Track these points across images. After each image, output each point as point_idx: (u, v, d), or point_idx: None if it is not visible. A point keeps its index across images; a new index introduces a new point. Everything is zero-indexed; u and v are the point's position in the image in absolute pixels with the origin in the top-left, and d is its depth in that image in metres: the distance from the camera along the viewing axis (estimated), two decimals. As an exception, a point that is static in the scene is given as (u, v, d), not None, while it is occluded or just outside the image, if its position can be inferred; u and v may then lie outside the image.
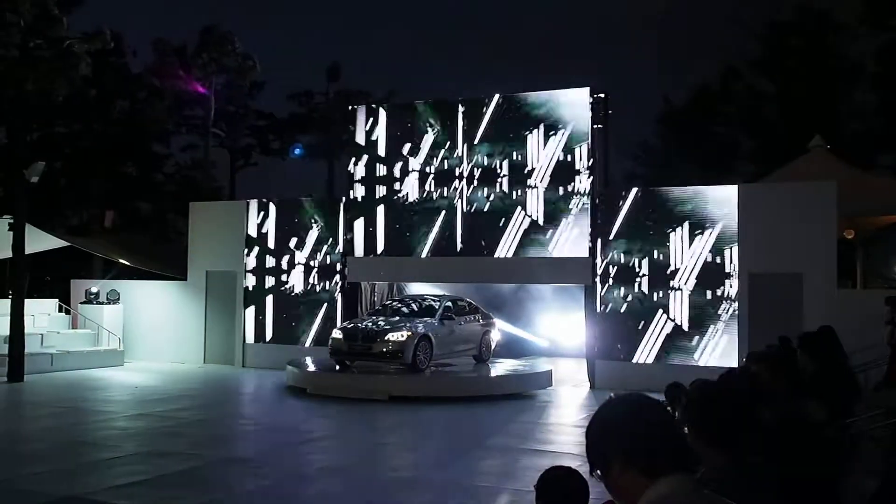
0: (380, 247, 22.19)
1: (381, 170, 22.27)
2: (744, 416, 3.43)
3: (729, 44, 42.60)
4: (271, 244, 23.74)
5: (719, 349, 18.74)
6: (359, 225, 22.44)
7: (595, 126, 20.40)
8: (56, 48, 21.60)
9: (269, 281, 23.73)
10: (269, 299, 23.68)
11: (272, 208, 23.94)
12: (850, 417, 8.03)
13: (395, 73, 75.17)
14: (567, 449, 12.37)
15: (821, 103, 39.88)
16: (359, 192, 22.55)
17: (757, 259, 18.67)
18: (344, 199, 23.03)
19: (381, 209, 22.19)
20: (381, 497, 9.92)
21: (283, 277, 23.58)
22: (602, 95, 20.58)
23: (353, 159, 22.82)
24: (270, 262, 23.74)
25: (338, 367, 19.05)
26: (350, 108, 23.82)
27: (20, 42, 21.51)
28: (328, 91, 45.77)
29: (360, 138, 22.65)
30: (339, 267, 22.89)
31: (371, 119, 22.64)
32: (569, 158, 20.36)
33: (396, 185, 22.09)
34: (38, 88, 22.46)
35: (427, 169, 21.75)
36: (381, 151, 22.31)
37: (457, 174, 21.42)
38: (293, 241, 23.49)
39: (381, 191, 22.24)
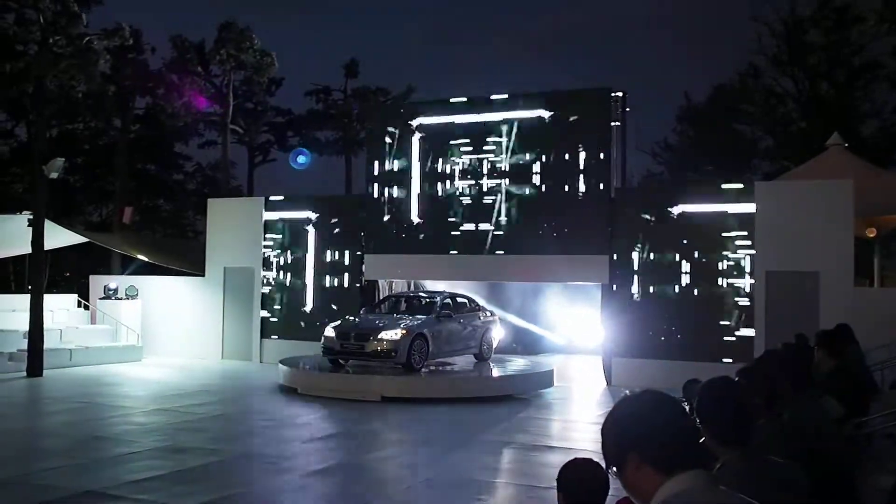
0: (397, 244, 22.19)
1: (399, 167, 22.26)
2: (752, 414, 3.45)
3: (748, 41, 42.36)
4: (288, 240, 23.78)
5: (736, 347, 18.67)
6: (376, 222, 22.44)
7: (613, 124, 20.37)
8: (75, 44, 21.73)
9: (286, 277, 23.76)
10: (286, 295, 23.72)
11: (288, 205, 23.99)
12: (866, 415, 8.02)
13: (414, 69, 75.12)
14: (583, 446, 12.36)
15: (840, 101, 39.68)
16: (377, 189, 22.56)
17: (774, 257, 18.60)
18: (362, 195, 23.04)
19: (397, 207, 22.19)
20: (392, 494, 9.96)
21: (300, 274, 23.60)
22: (620, 94, 20.58)
23: (371, 156, 22.85)
24: (288, 258, 23.77)
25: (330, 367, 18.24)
26: (370, 105, 23.82)
27: (40, 38, 21.66)
28: (346, 87, 45.78)
29: (377, 136, 22.67)
30: (349, 263, 22.93)
31: (388, 118, 22.64)
32: (587, 156, 20.32)
33: (413, 184, 22.07)
34: (58, 84, 22.63)
35: (444, 167, 21.72)
36: (398, 149, 22.29)
37: (475, 172, 21.39)
38: (308, 239, 23.52)
39: (398, 188, 22.23)
